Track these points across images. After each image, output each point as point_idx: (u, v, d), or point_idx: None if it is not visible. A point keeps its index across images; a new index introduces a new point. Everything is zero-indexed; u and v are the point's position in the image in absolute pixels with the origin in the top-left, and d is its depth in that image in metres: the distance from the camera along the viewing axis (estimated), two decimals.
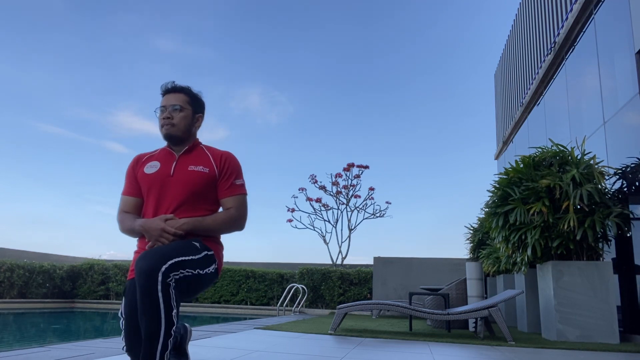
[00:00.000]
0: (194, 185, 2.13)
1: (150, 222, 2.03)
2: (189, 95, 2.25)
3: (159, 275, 1.74)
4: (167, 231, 2.00)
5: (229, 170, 2.21)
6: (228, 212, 2.17)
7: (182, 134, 2.20)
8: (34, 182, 26.69)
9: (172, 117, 2.17)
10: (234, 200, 2.19)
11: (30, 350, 3.10)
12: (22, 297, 13.62)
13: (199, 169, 2.16)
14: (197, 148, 2.27)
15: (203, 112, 2.33)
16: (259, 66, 31.17)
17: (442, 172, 28.01)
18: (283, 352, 3.48)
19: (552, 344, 4.65)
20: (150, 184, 2.16)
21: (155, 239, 2.01)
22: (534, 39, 10.81)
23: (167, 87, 2.25)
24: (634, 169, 5.53)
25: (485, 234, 9.00)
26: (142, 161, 2.26)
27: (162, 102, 2.22)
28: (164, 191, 2.13)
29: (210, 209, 2.20)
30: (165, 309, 1.75)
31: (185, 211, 2.11)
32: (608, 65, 6.42)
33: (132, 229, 2.10)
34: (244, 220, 2.21)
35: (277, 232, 30.60)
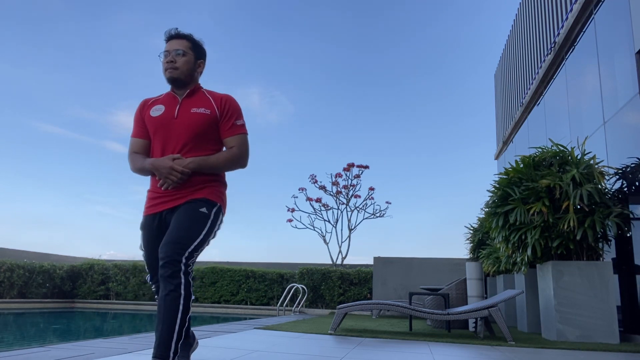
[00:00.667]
0: (197, 127, 2.25)
1: (160, 161, 2.19)
2: (191, 42, 2.37)
3: (181, 266, 2.03)
4: (175, 169, 2.15)
5: (230, 111, 2.33)
6: (231, 151, 2.31)
7: (184, 77, 2.32)
8: (34, 182, 26.65)
9: (175, 61, 2.29)
10: (236, 139, 2.31)
11: (30, 350, 3.10)
12: (22, 297, 13.62)
13: (201, 110, 2.28)
14: (198, 92, 2.39)
15: (204, 58, 2.45)
16: (258, 65, 31.15)
17: (442, 172, 28.02)
18: (283, 352, 3.48)
19: (552, 344, 4.65)
20: (156, 126, 2.29)
21: (165, 176, 2.16)
22: (534, 38, 10.80)
23: (170, 33, 2.35)
24: (634, 169, 5.53)
25: (485, 234, 9.00)
26: (148, 104, 2.39)
27: (166, 47, 2.33)
28: (170, 133, 2.26)
29: (214, 148, 2.32)
30: (185, 294, 2.03)
31: (190, 151, 2.25)
32: (608, 65, 6.42)
33: (143, 168, 2.26)
34: (246, 158, 2.34)
35: (277, 232, 30.60)
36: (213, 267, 14.55)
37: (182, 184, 2.22)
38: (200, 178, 2.24)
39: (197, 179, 2.24)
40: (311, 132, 29.01)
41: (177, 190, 2.23)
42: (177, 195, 2.23)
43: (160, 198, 2.25)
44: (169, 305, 1.97)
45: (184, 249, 2.06)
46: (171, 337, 1.94)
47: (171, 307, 1.98)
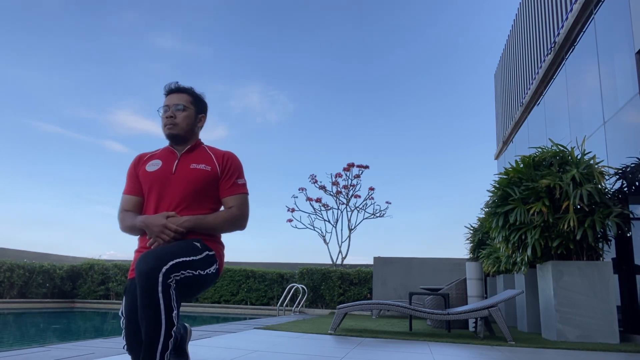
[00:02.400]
0: (195, 183, 2.13)
1: (152, 218, 2.03)
2: (192, 96, 2.27)
3: (159, 276, 1.74)
4: (169, 227, 2.00)
5: (231, 169, 2.22)
6: (230, 211, 2.17)
7: (184, 133, 2.22)
8: (34, 182, 26.65)
9: (175, 117, 2.20)
10: (236, 199, 2.19)
11: (30, 350, 3.10)
12: (22, 297, 13.62)
13: (201, 167, 2.17)
14: (199, 147, 2.29)
15: (206, 112, 2.35)
16: (258, 65, 31.11)
17: (442, 172, 28.02)
18: (283, 352, 3.48)
19: (552, 344, 4.65)
20: (151, 181, 2.16)
21: (156, 235, 2.00)
22: (534, 38, 10.80)
23: (170, 87, 2.27)
24: (634, 169, 5.53)
25: (485, 234, 9.00)
26: (143, 160, 2.27)
27: (166, 102, 2.24)
28: (166, 189, 2.13)
29: (212, 207, 2.20)
30: (166, 309, 1.75)
31: (186, 209, 2.11)
32: (608, 65, 6.42)
33: (133, 226, 2.09)
34: (246, 220, 2.21)
35: (277, 232, 30.64)
36: None
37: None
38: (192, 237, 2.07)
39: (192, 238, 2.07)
40: (311, 132, 29.03)
41: None
42: None
43: None
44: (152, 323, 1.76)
45: (166, 260, 1.79)
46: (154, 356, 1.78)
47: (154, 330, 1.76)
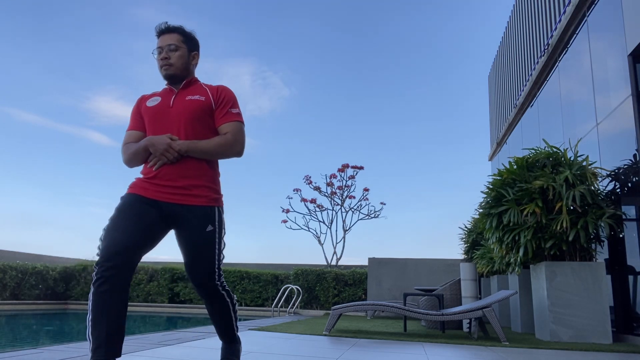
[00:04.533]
0: (191, 113, 2.23)
1: (157, 138, 2.15)
2: (182, 34, 2.34)
3: (217, 286, 2.26)
4: (173, 147, 2.12)
5: (225, 99, 2.32)
6: (224, 136, 2.25)
7: (180, 72, 2.31)
8: (19, 179, 25.79)
9: (169, 57, 2.28)
10: (230, 125, 2.28)
11: (23, 352, 3.08)
12: (14, 298, 13.52)
13: (196, 97, 2.27)
14: (195, 83, 2.39)
15: (198, 49, 2.43)
16: (250, 42, 29.92)
17: (436, 173, 28.08)
18: (277, 353, 3.48)
19: (545, 344, 4.68)
20: (151, 115, 2.28)
21: (161, 152, 2.12)
22: (527, 40, 10.86)
23: (161, 28, 2.34)
24: (626, 170, 5.57)
25: (479, 235, 9.04)
26: (145, 98, 2.39)
27: (158, 44, 2.32)
28: (165, 121, 2.24)
29: (210, 137, 2.28)
30: (228, 296, 2.33)
31: (184, 139, 2.21)
32: (601, 67, 6.46)
33: (137, 149, 2.19)
34: (241, 146, 2.28)
35: (271, 233, 30.54)
36: None
37: (176, 171, 2.15)
38: (193, 163, 2.18)
39: (191, 165, 2.18)
40: (306, 132, 28.99)
41: (172, 179, 2.14)
42: (175, 190, 2.14)
43: (156, 185, 2.15)
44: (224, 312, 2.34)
45: (212, 273, 2.22)
46: (232, 328, 2.39)
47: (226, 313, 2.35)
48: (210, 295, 2.26)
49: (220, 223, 2.27)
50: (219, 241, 2.25)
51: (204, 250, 2.19)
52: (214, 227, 2.22)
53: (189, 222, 2.16)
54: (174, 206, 2.15)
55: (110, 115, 26.93)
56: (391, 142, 28.35)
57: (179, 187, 2.15)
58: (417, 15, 30.32)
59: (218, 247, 2.24)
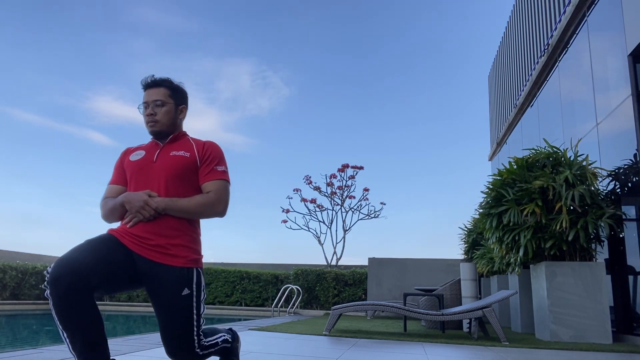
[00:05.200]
0: (174, 169, 2.14)
1: (134, 194, 2.06)
2: (169, 88, 2.26)
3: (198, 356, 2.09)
4: (150, 204, 2.02)
5: (210, 156, 2.23)
6: (206, 195, 2.15)
7: (167, 128, 2.24)
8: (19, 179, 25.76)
9: (155, 114, 2.20)
10: (214, 184, 2.18)
11: (23, 352, 3.08)
12: (14, 298, 13.52)
13: (180, 153, 2.19)
14: (183, 138, 2.31)
15: (186, 102, 2.35)
16: (249, 41, 29.64)
17: (436, 173, 28.09)
18: (277, 353, 3.48)
19: (545, 344, 4.68)
20: (133, 170, 2.19)
21: (137, 210, 2.02)
22: (527, 40, 10.86)
23: (147, 81, 2.26)
24: (626, 170, 5.57)
25: (480, 235, 9.04)
26: (129, 152, 2.31)
27: (144, 98, 2.25)
28: (147, 176, 2.15)
29: (191, 195, 2.18)
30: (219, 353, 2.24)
31: (166, 196, 2.11)
32: (601, 67, 6.46)
33: (114, 206, 2.10)
34: (223, 206, 2.17)
35: (271, 233, 30.58)
36: (207, 268, 14.52)
37: (153, 229, 2.03)
38: (172, 222, 2.07)
39: (170, 224, 2.07)
40: (306, 132, 29.00)
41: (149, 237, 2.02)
42: (151, 247, 2.02)
43: (132, 237, 2.02)
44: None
45: (191, 342, 2.05)
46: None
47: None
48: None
49: (199, 286, 2.11)
50: (197, 305, 2.08)
51: (180, 315, 2.02)
52: (190, 290, 2.06)
53: (163, 282, 2.01)
54: (150, 263, 2.01)
55: (110, 115, 26.89)
56: (391, 142, 28.37)
57: (155, 245, 2.02)
58: (417, 15, 30.34)
59: (196, 312, 2.07)
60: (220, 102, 29.22)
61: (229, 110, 29.88)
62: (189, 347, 2.03)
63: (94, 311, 1.78)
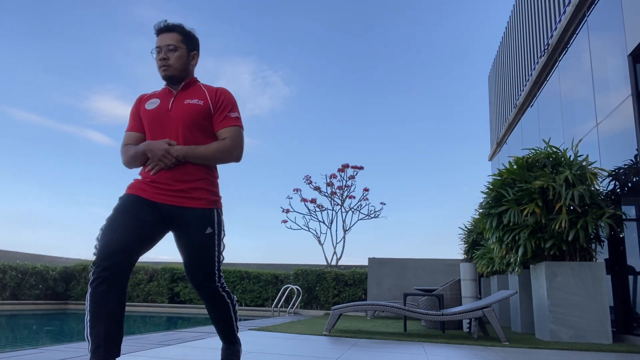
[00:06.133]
0: (189, 117, 2.20)
1: (155, 143, 2.14)
2: (182, 34, 2.30)
3: (218, 289, 2.26)
4: (171, 152, 2.11)
5: (224, 103, 2.28)
6: (222, 142, 2.23)
7: (179, 73, 2.28)
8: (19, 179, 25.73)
9: (168, 58, 2.24)
10: (228, 131, 2.25)
11: (23, 352, 3.08)
12: (14, 298, 13.52)
13: (194, 102, 2.24)
14: (195, 85, 2.35)
15: (198, 49, 2.39)
16: (250, 40, 29.81)
17: (436, 173, 28.08)
18: (277, 353, 3.48)
19: (545, 344, 4.68)
20: (150, 119, 2.25)
21: (158, 158, 2.11)
22: (527, 40, 10.86)
23: (160, 26, 2.29)
24: (626, 170, 5.57)
25: (480, 235, 9.04)
26: (144, 99, 2.36)
27: (157, 43, 2.28)
28: (163, 125, 2.22)
29: (209, 142, 2.26)
30: (228, 297, 2.34)
31: (185, 144, 2.20)
32: (601, 67, 6.46)
33: (136, 153, 2.18)
34: (239, 151, 2.26)
35: (271, 233, 30.53)
36: None
37: (174, 176, 2.14)
38: (190, 168, 2.17)
39: (189, 169, 2.17)
40: (306, 131, 28.99)
41: (170, 183, 2.14)
42: (173, 192, 2.14)
43: (155, 187, 2.14)
44: (224, 312, 2.34)
45: (212, 275, 2.22)
46: (233, 329, 2.40)
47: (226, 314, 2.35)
48: (211, 296, 2.27)
49: (220, 225, 2.25)
50: (219, 243, 2.24)
51: (204, 252, 2.18)
52: (213, 229, 2.20)
53: (188, 224, 2.15)
54: (173, 208, 2.14)
55: (110, 115, 26.83)
56: (391, 142, 28.35)
57: (177, 190, 2.14)
58: (417, 15, 30.34)
59: (218, 249, 2.23)
60: None
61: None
62: (212, 279, 2.22)
63: (125, 295, 1.97)
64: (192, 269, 2.21)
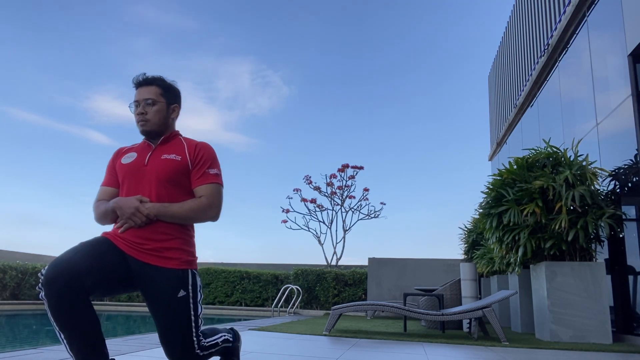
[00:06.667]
0: (164, 173, 2.09)
1: (125, 200, 2.03)
2: (161, 87, 2.22)
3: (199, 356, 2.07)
4: (141, 211, 1.99)
5: (203, 158, 2.17)
6: (198, 200, 2.11)
7: (157, 128, 2.19)
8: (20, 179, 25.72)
9: (146, 113, 2.15)
10: (206, 188, 2.13)
11: (23, 352, 3.08)
12: (14, 298, 13.52)
13: (172, 157, 2.14)
14: (175, 138, 2.26)
15: (179, 101, 2.30)
16: (249, 40, 29.69)
17: (436, 173, 28.08)
18: (277, 353, 3.48)
19: (545, 344, 4.68)
20: (124, 173, 2.15)
21: (128, 217, 1.99)
22: (527, 40, 10.86)
23: (138, 80, 2.21)
24: (626, 170, 5.57)
25: (480, 235, 9.04)
26: (122, 152, 2.27)
27: (135, 97, 2.20)
28: (138, 180, 2.11)
29: (183, 199, 2.14)
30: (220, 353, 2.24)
31: (159, 201, 2.08)
32: (601, 67, 6.46)
33: (106, 210, 2.07)
34: (216, 210, 2.13)
35: (271, 233, 30.53)
36: (207, 268, 14.53)
37: (145, 234, 2.01)
38: (163, 227, 2.04)
39: (162, 228, 2.04)
40: (305, 131, 28.99)
41: (141, 242, 2.00)
42: (145, 251, 2.00)
43: (126, 241, 2.01)
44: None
45: (191, 343, 2.03)
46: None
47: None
48: None
49: (195, 287, 2.08)
50: (195, 307, 2.06)
51: (177, 318, 2.00)
52: (186, 291, 2.04)
53: (158, 285, 1.99)
54: (143, 265, 1.99)
55: (109, 115, 26.80)
56: (391, 142, 28.36)
57: (149, 249, 2.01)
58: (417, 15, 30.34)
59: (194, 313, 2.05)
60: (220, 101, 29.19)
61: (228, 110, 29.81)
62: (189, 348, 2.01)
63: (90, 311, 1.78)
64: (166, 338, 2.01)
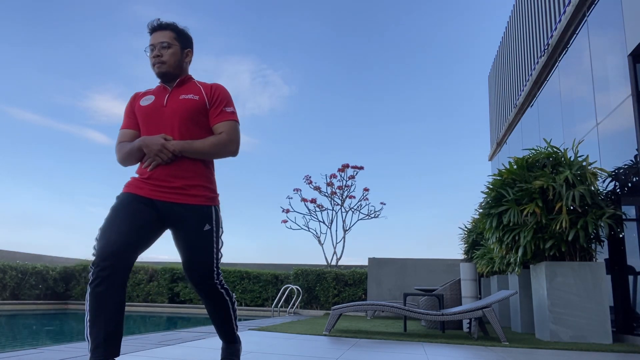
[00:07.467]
0: (185, 112, 2.21)
1: (151, 138, 2.13)
2: (175, 32, 2.31)
3: (215, 285, 2.26)
4: (167, 147, 2.11)
5: (219, 98, 2.29)
6: (218, 136, 2.23)
7: (173, 70, 2.28)
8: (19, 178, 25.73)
9: (161, 55, 2.25)
10: (224, 125, 2.25)
11: (23, 352, 3.08)
12: (14, 298, 13.52)
13: (190, 97, 2.25)
14: (189, 81, 2.36)
15: (192, 46, 2.40)
16: (249, 39, 29.80)
17: (436, 173, 28.08)
18: (277, 353, 3.48)
19: (545, 344, 4.68)
20: (144, 115, 2.25)
21: (155, 153, 2.11)
22: (527, 40, 10.86)
23: (153, 25, 2.30)
24: (626, 170, 5.57)
25: (480, 235, 9.04)
26: (139, 96, 2.35)
27: (151, 41, 2.29)
28: (159, 121, 2.22)
29: (205, 137, 2.26)
30: (227, 294, 2.34)
31: (179, 139, 2.20)
32: (601, 67, 6.46)
33: (132, 149, 2.18)
34: (235, 145, 2.26)
35: (271, 232, 30.53)
36: None
37: (171, 172, 2.14)
38: (188, 164, 2.17)
39: (187, 165, 2.17)
40: (306, 131, 28.97)
41: (168, 180, 2.14)
42: (171, 190, 2.14)
43: (152, 185, 2.14)
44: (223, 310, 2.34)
45: (211, 272, 2.23)
46: (232, 327, 2.39)
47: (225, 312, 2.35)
48: (209, 294, 2.27)
49: (218, 222, 2.26)
50: (217, 240, 2.24)
51: (202, 249, 2.19)
52: (211, 226, 2.21)
53: (185, 221, 2.16)
54: (171, 205, 2.14)
55: (109, 114, 26.78)
56: (391, 142, 28.35)
57: (175, 187, 2.14)
58: (417, 15, 30.33)
59: (216, 246, 2.23)
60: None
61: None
62: (210, 276, 2.22)
63: (124, 295, 1.96)
64: (190, 266, 2.21)
